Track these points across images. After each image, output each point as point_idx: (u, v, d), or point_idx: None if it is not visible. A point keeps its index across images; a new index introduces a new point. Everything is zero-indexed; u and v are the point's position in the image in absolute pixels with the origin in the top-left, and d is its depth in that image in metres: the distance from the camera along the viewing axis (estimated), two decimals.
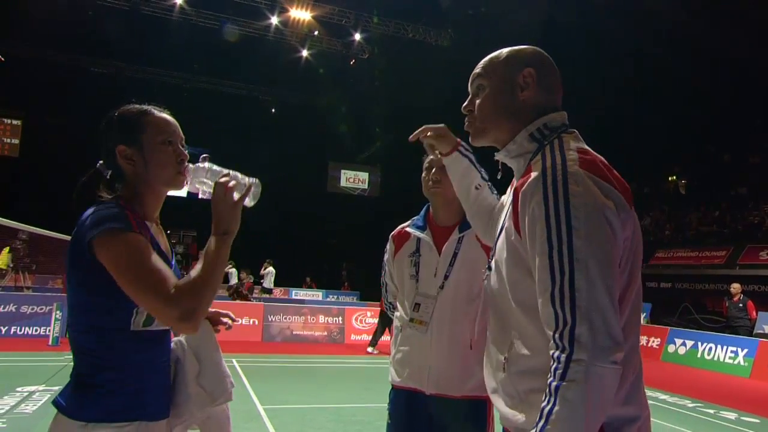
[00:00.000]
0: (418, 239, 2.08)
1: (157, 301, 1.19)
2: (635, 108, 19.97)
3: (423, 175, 2.10)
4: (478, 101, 1.28)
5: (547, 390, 1.03)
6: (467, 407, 1.94)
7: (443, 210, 2.08)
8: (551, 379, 1.03)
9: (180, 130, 1.42)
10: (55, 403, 1.25)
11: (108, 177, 1.38)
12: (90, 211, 1.27)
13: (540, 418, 1.02)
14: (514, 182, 1.32)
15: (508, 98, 1.25)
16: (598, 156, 1.18)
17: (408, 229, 2.14)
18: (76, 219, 1.30)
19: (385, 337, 9.41)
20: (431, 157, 2.07)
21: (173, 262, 1.44)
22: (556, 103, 1.28)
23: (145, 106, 1.41)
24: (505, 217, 1.27)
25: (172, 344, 1.44)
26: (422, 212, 2.16)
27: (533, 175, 1.14)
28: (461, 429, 1.94)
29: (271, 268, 15.93)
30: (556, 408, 1.00)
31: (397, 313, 2.14)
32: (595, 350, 1.00)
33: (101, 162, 1.40)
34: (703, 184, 20.23)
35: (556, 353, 1.03)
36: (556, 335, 1.04)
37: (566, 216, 1.06)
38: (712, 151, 20.77)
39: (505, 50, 1.30)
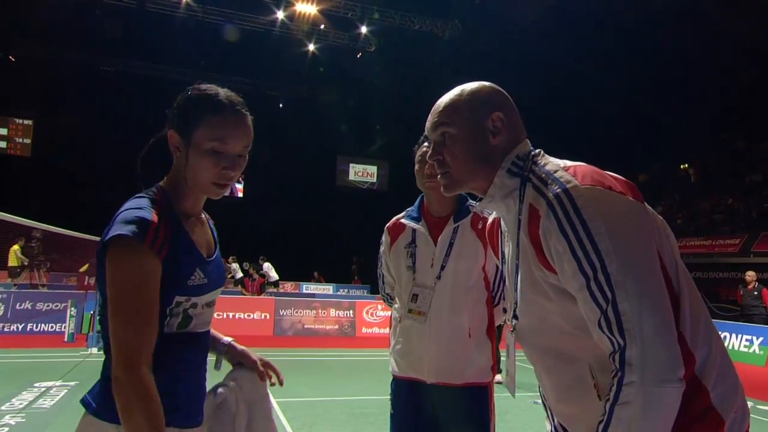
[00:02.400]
0: (414, 230, 2.09)
1: (122, 352, 1.09)
2: (647, 95, 19.72)
3: (416, 168, 2.09)
4: (446, 150, 1.22)
5: (603, 409, 1.02)
6: (469, 394, 1.96)
7: (438, 202, 2.08)
8: (608, 399, 1.02)
9: (247, 137, 1.26)
10: (84, 402, 1.20)
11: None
12: (125, 205, 1.19)
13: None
14: (503, 224, 1.30)
15: (480, 145, 1.20)
16: (583, 165, 1.16)
17: (403, 220, 2.14)
18: (121, 201, 1.22)
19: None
20: (424, 149, 2.06)
21: (216, 254, 1.33)
22: (521, 137, 1.25)
23: (222, 97, 1.24)
24: (513, 265, 1.24)
25: (227, 387, 1.37)
26: (416, 203, 2.16)
27: (542, 211, 1.10)
28: (464, 416, 1.96)
29: (267, 263, 16.08)
30: (611, 428, 1.00)
31: (395, 305, 2.15)
32: (645, 372, 0.99)
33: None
34: (717, 172, 19.97)
35: (613, 375, 1.03)
36: (612, 357, 1.03)
37: (590, 241, 1.03)
38: (725, 138, 20.48)
39: (465, 92, 1.24)
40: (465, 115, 1.22)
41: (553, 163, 1.18)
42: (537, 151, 1.23)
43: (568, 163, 1.18)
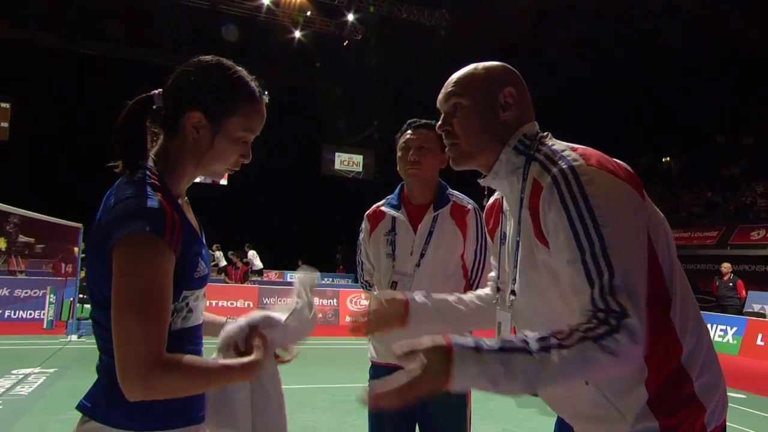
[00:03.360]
0: (393, 218, 2.09)
1: (139, 361, 0.98)
2: (629, 88, 19.91)
3: (398, 155, 2.08)
4: (456, 121, 1.23)
5: (572, 330, 0.99)
6: None
7: (418, 190, 2.08)
8: (585, 327, 0.98)
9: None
10: (81, 408, 1.09)
11: (157, 117, 1.17)
12: (122, 192, 1.07)
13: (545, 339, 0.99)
14: (505, 204, 1.29)
15: (490, 118, 1.22)
16: (591, 149, 1.17)
17: (383, 208, 2.15)
18: (100, 186, 1.12)
19: None
20: (407, 136, 2.05)
21: (202, 240, 1.25)
22: (530, 117, 1.27)
23: (253, 85, 1.21)
24: (514, 243, 1.23)
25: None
26: (396, 191, 2.16)
27: (545, 184, 1.11)
28: (441, 400, 1.98)
29: (252, 251, 16.00)
30: (565, 351, 0.97)
31: (374, 292, 2.16)
32: (628, 336, 0.98)
33: (158, 92, 1.19)
34: (697, 165, 20.31)
35: (594, 316, 0.99)
36: (594, 311, 1.01)
37: (591, 218, 1.04)
38: (706, 132, 20.81)
39: (479, 67, 1.25)
40: (478, 87, 1.22)
41: (561, 144, 1.20)
42: (545, 133, 1.25)
43: (576, 145, 1.19)
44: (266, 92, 1.24)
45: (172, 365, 1.01)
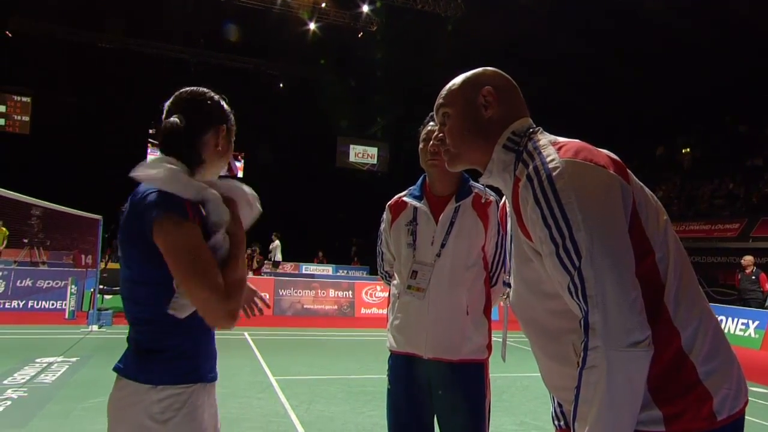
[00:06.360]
0: (415, 208, 2.10)
1: (211, 298, 1.27)
2: (650, 78, 19.53)
3: (420, 146, 2.09)
4: (446, 128, 1.32)
5: (577, 375, 1.06)
6: (465, 370, 1.99)
7: (440, 181, 2.08)
8: (578, 365, 1.06)
9: None
10: (117, 369, 1.35)
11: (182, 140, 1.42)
12: (148, 188, 1.32)
13: (573, 402, 1.06)
14: (506, 201, 1.35)
15: (474, 119, 1.28)
16: (576, 141, 1.19)
17: (405, 198, 2.15)
18: (120, 179, 1.40)
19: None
20: (428, 128, 2.06)
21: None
22: (520, 113, 1.30)
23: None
24: (510, 235, 1.31)
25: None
26: (419, 182, 2.16)
27: (521, 182, 1.17)
28: (459, 391, 1.98)
29: (278, 242, 16.05)
30: (582, 392, 1.04)
31: (394, 282, 2.16)
32: (608, 337, 1.02)
33: (183, 124, 1.41)
34: (718, 156, 19.88)
35: (581, 341, 1.07)
36: (579, 323, 1.07)
37: (560, 211, 1.07)
38: (728, 122, 20.36)
39: (460, 77, 1.35)
40: (458, 93, 1.32)
41: (546, 139, 1.23)
42: (536, 128, 1.28)
43: (561, 139, 1.22)
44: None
45: (230, 284, 1.31)
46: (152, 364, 1.30)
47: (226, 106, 1.52)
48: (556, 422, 1.39)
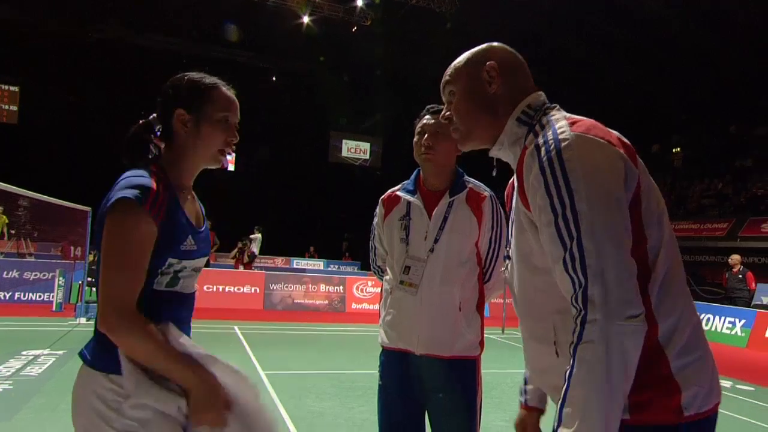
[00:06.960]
0: (409, 203, 2.08)
1: (113, 301, 1.23)
2: (640, 77, 19.64)
3: (414, 139, 2.07)
4: (452, 106, 1.32)
5: (569, 355, 1.03)
6: (456, 367, 1.98)
7: (434, 176, 2.07)
8: (572, 341, 1.03)
9: (238, 109, 1.47)
10: (81, 355, 1.36)
11: (157, 133, 1.43)
12: (126, 174, 1.33)
13: (564, 381, 1.03)
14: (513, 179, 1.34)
15: (479, 94, 1.28)
16: (590, 120, 1.18)
17: (398, 192, 2.13)
18: (118, 174, 1.35)
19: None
20: (424, 121, 2.04)
21: (204, 228, 1.48)
22: (528, 87, 1.30)
23: (215, 79, 1.46)
24: (512, 211, 1.30)
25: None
26: (412, 176, 2.15)
27: (528, 149, 1.16)
28: (451, 388, 1.98)
29: (258, 235, 15.89)
30: (575, 370, 1.01)
31: (386, 277, 2.15)
32: (608, 309, 1.00)
33: (154, 116, 1.44)
34: (707, 156, 20.06)
35: (575, 316, 1.04)
36: (573, 299, 1.05)
37: (564, 181, 1.06)
38: (717, 123, 20.53)
39: (464, 55, 1.35)
40: (463, 70, 1.32)
41: (561, 114, 1.22)
42: (553, 104, 1.28)
43: (576, 116, 1.21)
44: (229, 85, 1.48)
45: (137, 322, 1.24)
46: (106, 352, 1.29)
47: (206, 87, 1.42)
48: (520, 397, 1.47)
